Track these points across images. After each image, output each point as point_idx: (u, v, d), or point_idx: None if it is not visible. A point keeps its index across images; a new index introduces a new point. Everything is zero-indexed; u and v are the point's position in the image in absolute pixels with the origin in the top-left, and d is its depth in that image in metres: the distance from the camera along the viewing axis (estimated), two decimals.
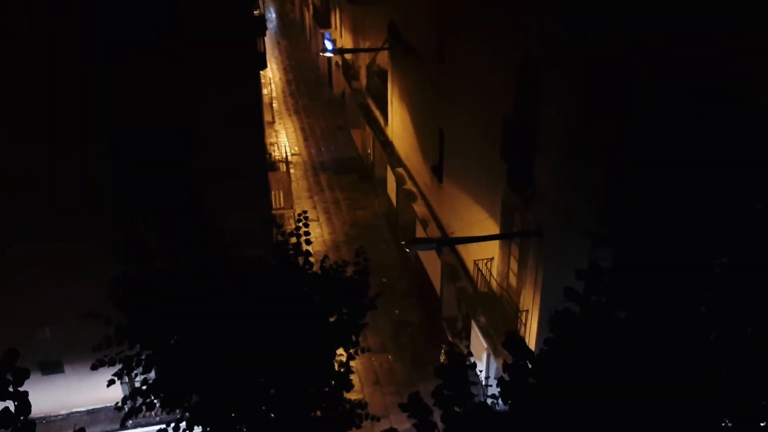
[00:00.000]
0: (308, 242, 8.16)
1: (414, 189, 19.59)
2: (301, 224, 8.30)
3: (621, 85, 9.91)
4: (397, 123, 21.36)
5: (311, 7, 37.63)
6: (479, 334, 14.26)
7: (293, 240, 8.16)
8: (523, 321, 12.21)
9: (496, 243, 13.36)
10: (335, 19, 31.48)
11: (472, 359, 5.58)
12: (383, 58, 22.29)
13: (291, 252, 8.12)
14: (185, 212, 11.97)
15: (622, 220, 9.83)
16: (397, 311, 19.60)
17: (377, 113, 23.98)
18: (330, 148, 30.15)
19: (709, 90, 9.89)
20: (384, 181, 25.01)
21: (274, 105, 33.88)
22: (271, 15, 48.73)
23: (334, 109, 33.24)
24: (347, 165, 28.51)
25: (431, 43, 16.51)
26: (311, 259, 8.25)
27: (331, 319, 8.15)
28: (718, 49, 9.66)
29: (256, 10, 17.19)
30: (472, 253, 14.55)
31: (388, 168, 22.88)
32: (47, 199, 12.52)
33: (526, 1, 11.02)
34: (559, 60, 10.10)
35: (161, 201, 12.30)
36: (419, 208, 18.79)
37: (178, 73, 11.95)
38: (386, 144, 22.59)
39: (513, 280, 13.02)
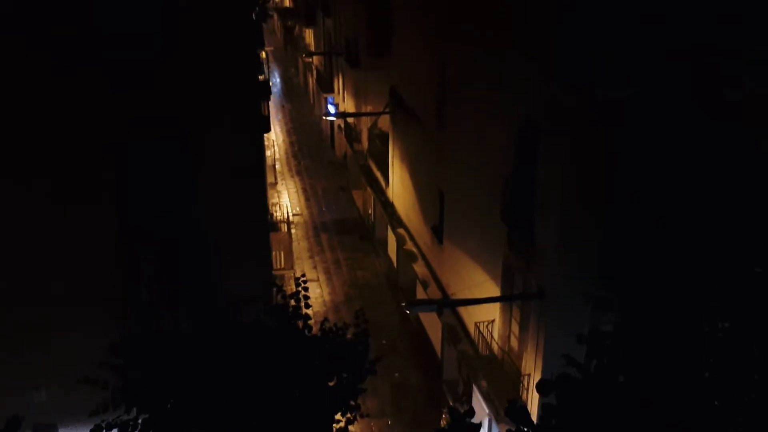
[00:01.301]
0: (308, 305, 8.14)
1: (414, 249, 19.62)
2: (300, 287, 8.30)
3: (620, 145, 10.09)
4: (398, 184, 21.61)
5: (314, 72, 38.67)
6: (480, 398, 14.00)
7: (293, 303, 8.14)
8: (525, 386, 12.01)
9: (497, 305, 13.30)
10: (338, 83, 32.32)
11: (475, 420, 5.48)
12: (384, 122, 22.77)
13: (290, 314, 8.09)
14: (187, 273, 11.97)
15: (624, 282, 9.82)
16: (397, 374, 19.27)
17: (378, 174, 24.28)
18: (331, 209, 30.37)
19: (709, 146, 10.03)
20: (385, 241, 25.08)
21: (277, 166, 34.34)
22: (276, 80, 50.01)
23: (336, 170, 33.67)
24: (348, 225, 28.64)
25: (431, 107, 16.91)
26: (310, 322, 8.21)
27: (330, 384, 8.04)
28: (717, 107, 9.86)
29: (260, 75, 17.70)
30: (473, 315, 14.44)
31: (389, 228, 22.99)
32: (46, 260, 12.54)
33: (523, 64, 11.36)
34: (557, 122, 10.33)
35: (164, 262, 12.32)
36: (420, 268, 18.77)
37: (183, 135, 12.19)
38: (387, 205, 22.78)
39: (514, 343, 12.88)
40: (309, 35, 42.27)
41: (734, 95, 9.78)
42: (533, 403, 11.75)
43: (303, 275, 8.82)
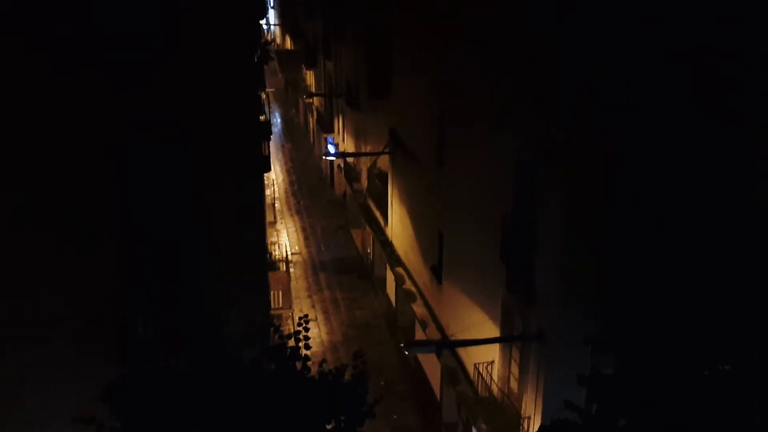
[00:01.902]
0: (307, 347, 8.10)
1: (413, 289, 19.56)
2: (301, 328, 8.26)
3: (618, 187, 10.18)
4: (397, 223, 21.67)
5: (315, 112, 39.17)
6: None
7: (291, 343, 8.10)
8: (525, 428, 11.84)
9: (496, 346, 13.20)
10: (338, 124, 32.71)
11: None
12: (384, 162, 22.97)
13: (289, 355, 8.03)
14: (184, 312, 11.90)
15: (624, 324, 9.78)
16: (395, 416, 18.98)
17: (377, 214, 24.38)
18: (330, 248, 30.37)
19: (707, 185, 10.11)
20: (383, 280, 25.01)
21: (276, 205, 34.47)
22: (277, 120, 50.60)
23: (335, 209, 33.79)
24: (347, 264, 28.60)
25: (430, 148, 17.09)
26: (309, 363, 8.15)
27: (329, 426, 7.93)
28: (715, 149, 9.98)
29: (262, 116, 17.93)
30: (472, 356, 14.32)
31: (388, 268, 22.96)
32: (42, 296, 12.47)
33: (521, 107, 11.54)
34: (555, 164, 10.45)
35: (161, 300, 12.26)
36: (419, 308, 18.68)
37: (184, 174, 12.28)
38: (386, 244, 22.80)
39: (514, 384, 12.74)
40: (310, 77, 42.96)
41: (731, 135, 9.92)
42: None
43: (305, 315, 8.78)
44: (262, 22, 45.10)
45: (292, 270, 26.83)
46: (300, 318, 8.58)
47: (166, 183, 12.17)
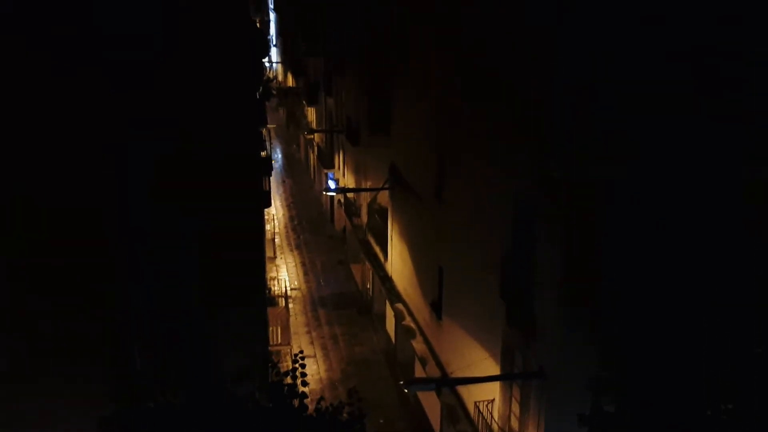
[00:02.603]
0: (304, 383, 8.02)
1: (413, 325, 19.41)
2: (297, 365, 8.19)
3: (617, 223, 10.19)
4: (397, 259, 21.64)
5: (316, 148, 39.48)
6: None
7: (288, 380, 8.02)
8: None
9: (497, 384, 13.04)
10: (338, 159, 32.93)
11: None
12: (384, 197, 23.06)
13: (286, 392, 7.94)
14: (182, 348, 11.81)
15: (626, 362, 9.68)
16: None
17: (377, 249, 24.35)
18: (330, 283, 30.25)
19: (708, 223, 10.12)
20: (383, 316, 24.84)
21: (276, 240, 34.45)
22: (278, 155, 50.97)
23: (335, 244, 33.77)
24: (346, 300, 28.44)
25: (430, 183, 17.18)
26: (306, 400, 8.06)
27: None
28: (715, 187, 10.02)
29: (263, 152, 18.07)
30: (473, 394, 14.13)
31: (387, 303, 22.83)
32: (37, 328, 12.38)
33: (519, 144, 11.64)
34: (554, 200, 10.49)
35: (159, 335, 12.18)
36: (418, 345, 18.51)
37: (185, 209, 12.32)
38: (385, 279, 22.72)
39: (515, 423, 12.54)
40: (311, 113, 43.43)
41: (730, 176, 9.98)
42: None
43: (301, 352, 8.72)
44: (264, 60, 45.75)
45: (291, 305, 26.67)
46: (296, 355, 8.52)
47: (165, 220, 12.20)
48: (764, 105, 9.94)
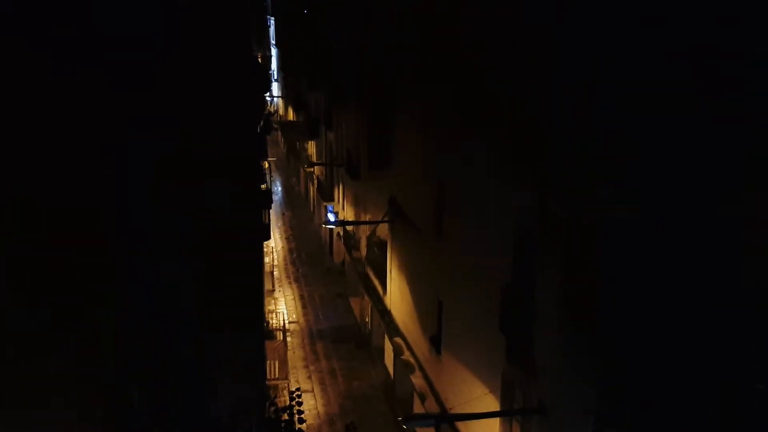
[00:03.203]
0: (301, 420, 7.93)
1: (412, 360, 19.24)
2: (294, 402, 8.11)
3: (618, 258, 10.19)
4: (396, 292, 21.55)
5: (316, 181, 39.67)
6: None
7: (285, 416, 7.93)
8: None
9: (496, 420, 12.87)
10: (338, 192, 33.06)
11: None
12: (383, 230, 23.09)
13: (283, 428, 7.85)
14: (180, 381, 11.68)
15: (627, 398, 9.59)
16: None
17: (376, 282, 24.28)
18: (328, 316, 30.07)
19: (706, 260, 10.12)
20: (381, 350, 24.62)
21: (275, 273, 34.36)
22: (278, 188, 51.19)
23: (334, 277, 33.67)
24: (345, 333, 28.24)
25: (429, 217, 17.23)
26: None
27: None
28: (715, 227, 10.04)
29: (263, 185, 18.17)
30: (472, 430, 13.94)
31: (386, 337, 22.66)
32: (40, 365, 12.26)
33: (519, 179, 11.71)
34: (553, 234, 10.51)
35: (157, 369, 12.06)
36: (417, 380, 18.31)
37: (184, 243, 12.31)
38: (384, 313, 22.59)
39: None
40: (311, 146, 43.76)
41: (731, 213, 10.02)
42: None
43: (298, 389, 8.65)
44: (266, 94, 46.27)
45: (289, 339, 26.47)
46: (293, 392, 8.44)
47: (164, 252, 12.19)
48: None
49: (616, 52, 9.74)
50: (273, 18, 64.98)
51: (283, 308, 30.87)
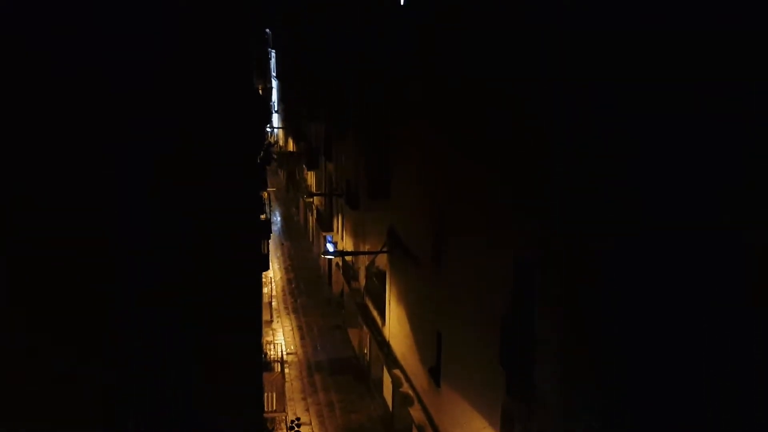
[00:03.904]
0: None
1: (411, 392, 19.01)
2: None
3: (618, 290, 10.15)
4: (395, 323, 21.41)
5: (315, 211, 39.73)
6: None
7: None
8: None
9: None
10: (337, 223, 33.08)
11: None
12: (382, 260, 23.03)
13: None
14: (176, 413, 11.53)
15: (630, 430, 9.46)
16: None
17: (375, 313, 24.13)
18: (326, 347, 29.82)
19: (708, 294, 10.08)
20: (380, 382, 24.34)
21: (273, 304, 34.18)
22: (277, 218, 51.24)
23: (333, 308, 33.49)
24: (343, 365, 27.97)
25: (428, 248, 17.21)
26: None
27: None
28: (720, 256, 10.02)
29: (262, 215, 18.19)
30: None
31: (385, 369, 22.42)
32: (29, 392, 12.12)
33: (518, 209, 11.74)
34: (553, 264, 10.49)
35: (153, 400, 11.91)
36: (416, 413, 18.06)
37: (178, 272, 12.27)
38: (383, 344, 22.40)
39: None
40: (311, 177, 43.93)
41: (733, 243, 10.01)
42: None
43: (298, 418, 8.53)
44: (266, 126, 46.64)
45: (287, 371, 26.20)
46: (292, 421, 8.32)
47: (161, 282, 12.14)
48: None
49: (612, 99, 9.87)
50: (274, 51, 65.88)
51: (281, 339, 30.62)
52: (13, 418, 12.06)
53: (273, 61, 67.41)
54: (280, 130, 65.44)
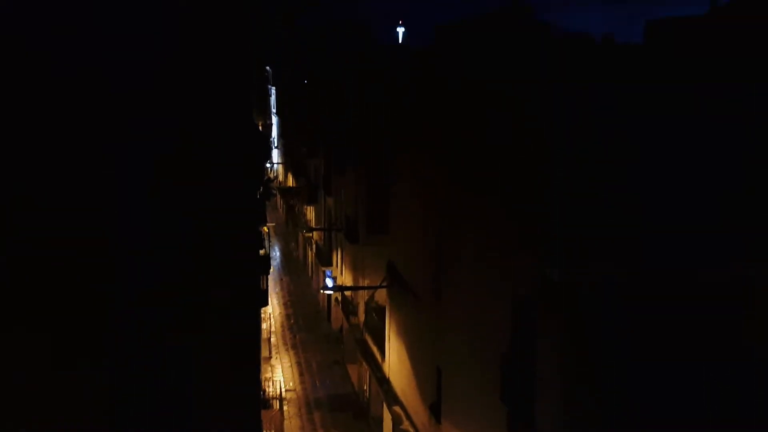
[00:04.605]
0: None
1: (411, 430, 18.73)
2: None
3: (617, 323, 10.11)
4: (395, 359, 21.21)
5: (314, 246, 39.73)
6: None
7: None
8: None
9: None
10: (336, 257, 33.05)
11: None
12: (381, 295, 22.95)
13: None
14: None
15: None
16: None
17: (374, 349, 23.92)
18: (325, 384, 29.47)
19: (707, 329, 10.04)
20: (380, 419, 23.97)
21: (272, 339, 33.92)
22: (276, 253, 51.18)
23: (332, 343, 33.23)
24: (342, 402, 27.60)
25: (428, 282, 17.16)
26: None
27: None
28: (712, 291, 10.01)
29: (261, 250, 18.20)
30: None
31: (385, 406, 22.13)
32: (30, 419, 11.96)
33: (516, 245, 11.75)
34: (552, 300, 10.45)
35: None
36: None
37: (180, 308, 12.23)
38: (383, 381, 22.15)
39: None
40: (310, 212, 44.05)
41: (722, 276, 10.02)
42: None
43: None
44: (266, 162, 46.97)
45: (285, 408, 25.84)
46: None
47: (159, 315, 12.10)
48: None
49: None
50: (274, 87, 66.77)
51: (279, 376, 30.28)
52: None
53: (273, 98, 68.25)
54: (280, 166, 65.86)
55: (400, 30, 31.94)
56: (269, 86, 67.60)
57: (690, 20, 13.21)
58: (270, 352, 32.38)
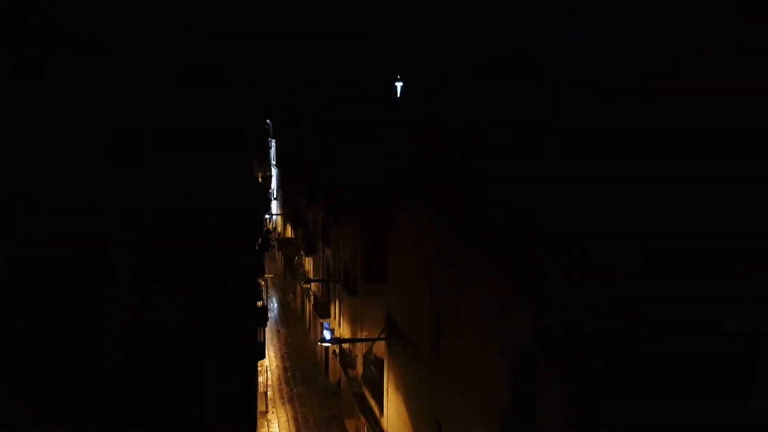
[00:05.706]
0: None
1: None
2: None
3: (619, 375, 10.00)
4: (393, 413, 20.82)
5: (312, 297, 39.49)
6: None
7: None
8: None
9: None
10: (334, 309, 32.82)
11: None
12: (380, 348, 22.70)
13: None
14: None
15: None
16: None
17: (372, 402, 23.50)
18: None
19: (711, 381, 9.93)
20: None
21: (268, 393, 33.33)
22: (274, 305, 50.81)
23: (329, 397, 32.63)
24: None
25: (427, 334, 17.02)
26: None
27: None
28: (715, 344, 9.95)
29: (259, 302, 18.14)
30: None
31: None
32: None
33: (518, 298, 11.72)
34: (554, 353, 10.36)
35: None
36: None
37: (175, 363, 12.13)
38: None
39: None
40: (308, 263, 43.97)
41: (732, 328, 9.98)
42: None
43: None
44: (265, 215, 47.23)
45: None
46: None
47: (156, 375, 11.99)
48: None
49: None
50: (274, 140, 67.69)
51: (276, 431, 29.63)
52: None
53: (273, 150, 69.09)
54: (279, 217, 66.10)
55: (399, 84, 32.61)
56: (269, 138, 68.54)
57: None
58: (266, 406, 31.77)
